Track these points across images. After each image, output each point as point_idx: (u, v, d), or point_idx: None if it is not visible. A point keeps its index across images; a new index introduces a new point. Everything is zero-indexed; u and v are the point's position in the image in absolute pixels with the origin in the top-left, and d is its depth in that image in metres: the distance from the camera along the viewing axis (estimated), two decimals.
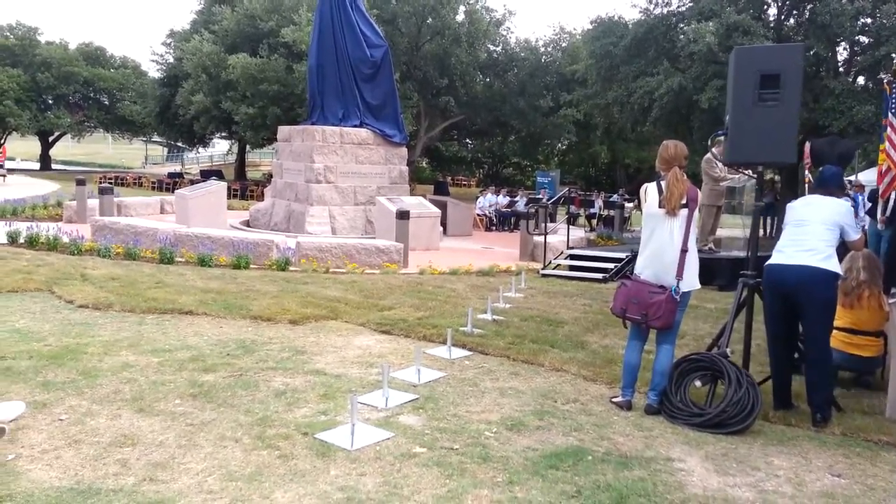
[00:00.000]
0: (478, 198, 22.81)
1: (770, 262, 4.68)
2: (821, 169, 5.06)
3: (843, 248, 4.81)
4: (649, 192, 4.69)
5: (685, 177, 4.65)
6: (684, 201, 4.55)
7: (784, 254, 4.61)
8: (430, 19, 27.82)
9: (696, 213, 4.65)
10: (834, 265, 4.50)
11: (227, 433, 3.96)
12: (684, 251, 4.56)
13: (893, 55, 16.28)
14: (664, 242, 4.61)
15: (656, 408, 4.60)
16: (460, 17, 28.75)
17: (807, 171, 16.36)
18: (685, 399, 4.58)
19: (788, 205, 4.89)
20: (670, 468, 3.75)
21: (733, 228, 13.25)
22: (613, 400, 4.78)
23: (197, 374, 5.03)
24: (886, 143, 7.91)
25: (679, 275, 4.55)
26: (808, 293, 4.46)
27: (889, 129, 7.85)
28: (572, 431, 4.23)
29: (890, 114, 8.38)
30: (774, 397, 4.78)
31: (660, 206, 4.60)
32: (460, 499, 3.27)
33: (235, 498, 3.20)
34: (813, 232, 4.54)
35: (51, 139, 48.73)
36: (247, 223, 16.37)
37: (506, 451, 3.86)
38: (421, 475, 3.51)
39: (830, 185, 4.81)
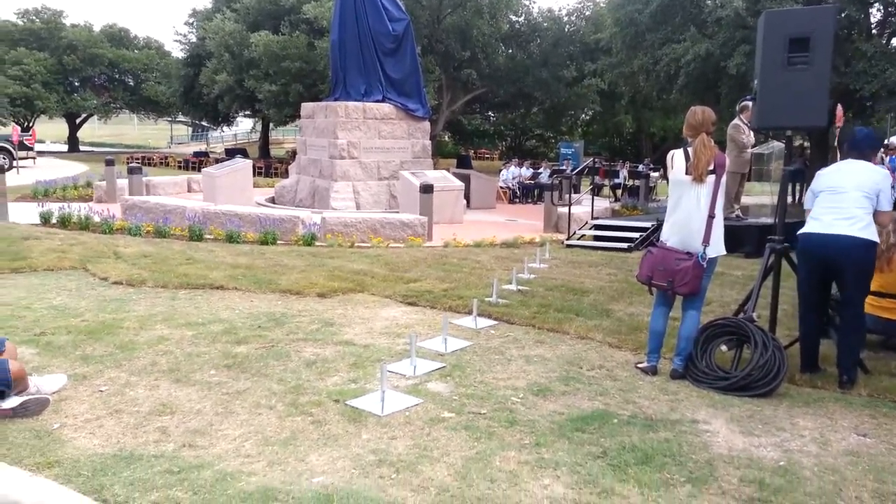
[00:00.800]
0: (501, 170, 22.74)
1: (806, 230, 4.62)
2: (853, 130, 4.95)
3: None
4: (676, 158, 4.68)
5: (713, 143, 4.62)
6: (711, 167, 4.53)
7: (822, 222, 4.53)
8: None
9: (724, 179, 4.61)
10: (872, 233, 4.45)
11: (261, 401, 4.08)
12: (711, 217, 4.55)
13: None
14: (691, 209, 4.60)
15: (682, 373, 4.64)
16: None
17: (835, 133, 16.07)
18: (711, 363, 4.60)
19: (819, 172, 4.81)
20: (695, 430, 3.79)
21: (761, 195, 13.09)
22: (639, 365, 4.83)
23: (230, 345, 5.16)
24: None
25: (706, 241, 4.55)
26: (849, 262, 4.42)
27: None
28: (598, 396, 4.29)
29: None
30: (802, 360, 4.78)
31: (687, 173, 4.58)
32: (489, 460, 3.35)
33: (272, 461, 3.31)
34: (852, 199, 4.45)
35: (78, 121, 49.36)
36: (272, 200, 16.54)
37: (532, 416, 3.93)
38: (450, 438, 3.60)
39: (864, 147, 4.70)
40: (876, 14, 18.77)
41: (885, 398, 4.34)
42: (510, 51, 31.05)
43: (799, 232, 4.69)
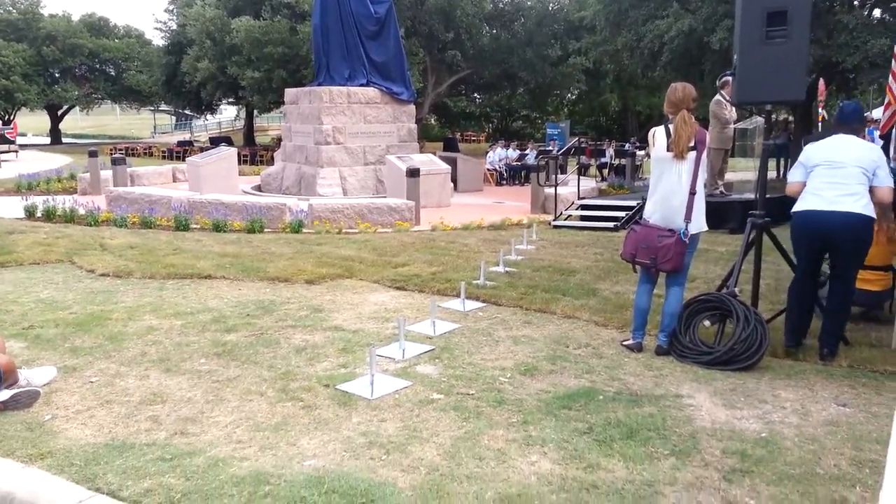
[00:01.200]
0: (487, 152, 22.73)
1: (807, 206, 4.55)
2: (840, 104, 4.92)
3: None
4: (657, 135, 4.72)
5: (693, 119, 4.65)
6: (692, 144, 4.58)
7: (823, 198, 4.48)
8: None
9: (705, 155, 4.65)
10: (871, 209, 4.45)
11: (251, 388, 4.12)
12: (692, 194, 4.60)
13: None
14: (672, 186, 4.65)
15: (666, 349, 4.71)
16: None
17: (820, 109, 16.15)
18: (694, 339, 4.68)
19: (808, 145, 4.79)
20: (679, 404, 3.86)
21: (745, 171, 13.18)
22: (624, 343, 4.89)
23: (219, 334, 5.19)
24: (890, 78, 7.83)
25: (687, 217, 4.60)
26: (851, 239, 4.43)
27: (894, 62, 7.77)
28: (584, 374, 4.35)
29: None
30: (790, 334, 4.78)
31: (668, 150, 4.62)
32: (477, 439, 3.41)
33: (264, 446, 3.36)
34: (852, 175, 4.43)
35: (59, 113, 48.80)
36: (258, 188, 16.47)
37: (520, 395, 3.99)
38: (439, 419, 3.65)
39: (852, 122, 4.69)
40: None
41: (865, 368, 4.43)
42: (494, 31, 30.89)
43: (798, 208, 4.62)
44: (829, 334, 4.63)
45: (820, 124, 21.32)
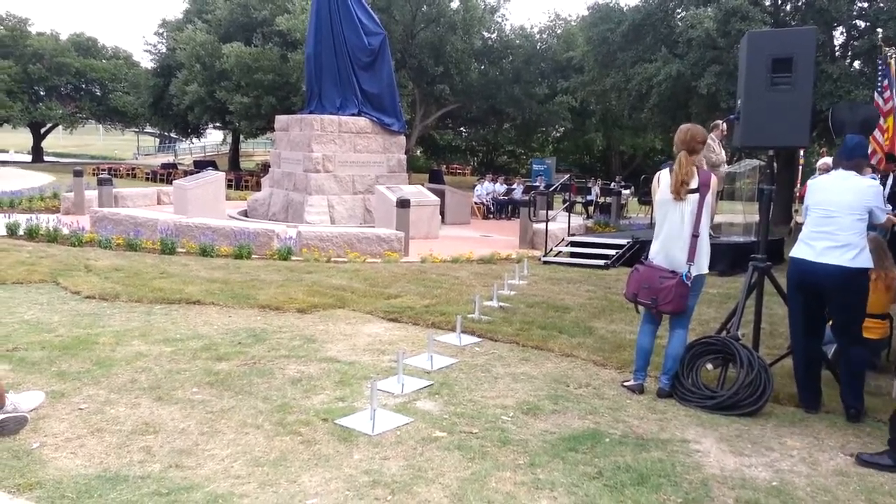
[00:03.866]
0: (475, 186, 22.82)
1: (797, 254, 4.46)
2: (845, 138, 4.71)
3: None
4: (661, 177, 4.73)
5: (692, 160, 4.66)
6: (694, 186, 4.58)
7: (813, 249, 4.36)
8: (425, 7, 27.66)
9: (710, 198, 4.65)
10: (865, 259, 4.31)
11: (247, 420, 3.99)
12: (695, 236, 4.59)
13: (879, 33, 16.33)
14: (675, 228, 4.64)
15: (668, 391, 4.66)
16: (455, 4, 28.56)
17: (800, 153, 16.41)
18: (697, 382, 4.63)
19: (810, 182, 4.75)
20: (687, 449, 3.80)
21: (732, 214, 13.30)
22: (625, 384, 4.83)
23: (211, 362, 5.05)
24: (876, 130, 7.96)
25: (690, 259, 4.59)
26: (843, 292, 4.28)
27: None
28: (588, 415, 4.28)
29: (875, 92, 8.48)
30: (802, 395, 4.56)
31: (671, 192, 4.63)
32: (484, 481, 3.31)
33: (263, 482, 3.23)
34: (842, 224, 4.29)
35: (42, 131, 48.34)
36: (245, 213, 16.33)
37: (524, 435, 3.90)
38: (443, 458, 3.55)
39: (856, 156, 4.52)
40: (839, 37, 19.32)
41: (869, 417, 4.40)
42: (483, 67, 31.29)
43: (791, 254, 4.57)
44: (848, 394, 4.40)
45: (799, 169, 21.68)
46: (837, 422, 4.34)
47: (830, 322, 4.73)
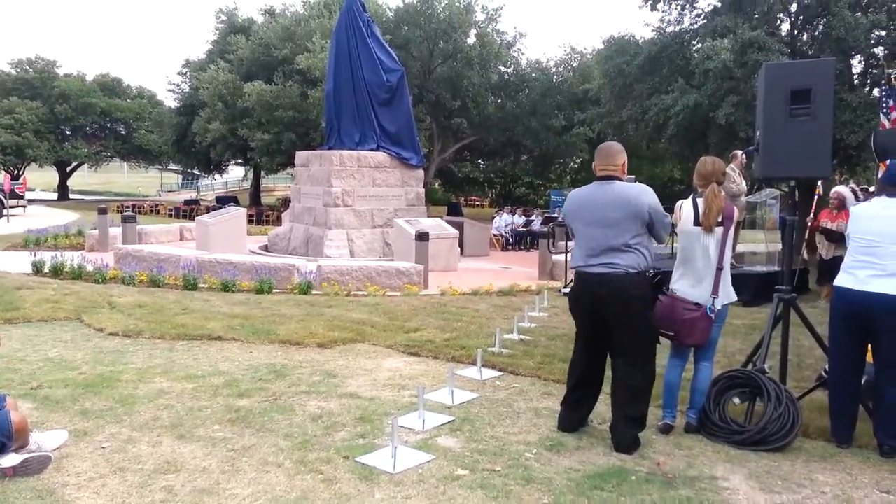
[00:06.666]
0: (493, 217, 22.85)
1: (840, 283, 4.38)
2: (890, 163, 4.57)
3: None
4: (684, 208, 4.70)
5: (723, 193, 4.65)
6: (720, 219, 4.55)
7: (856, 278, 4.30)
8: (442, 43, 28.04)
9: (732, 230, 4.62)
10: None
11: (268, 458, 3.97)
12: (719, 269, 4.55)
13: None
14: (698, 260, 4.60)
15: (696, 426, 4.57)
16: (471, 40, 28.94)
17: (818, 183, 16.26)
18: (724, 417, 4.54)
19: (853, 209, 4.62)
20: (715, 486, 3.72)
21: (755, 243, 13.18)
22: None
23: (232, 399, 5.05)
24: None
25: (714, 292, 4.54)
26: (887, 322, 4.17)
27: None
28: (612, 451, 4.21)
29: (881, 114, 8.42)
30: (838, 430, 4.43)
31: (695, 224, 4.60)
32: None
33: None
34: (886, 254, 4.21)
35: (68, 169, 49.34)
36: (265, 248, 16.47)
37: (548, 473, 3.84)
38: (466, 497, 3.50)
39: None
40: (857, 66, 19.26)
41: None
42: (500, 100, 31.54)
43: (835, 283, 4.45)
44: (885, 429, 4.27)
45: (815, 198, 21.34)
46: (871, 457, 4.23)
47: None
